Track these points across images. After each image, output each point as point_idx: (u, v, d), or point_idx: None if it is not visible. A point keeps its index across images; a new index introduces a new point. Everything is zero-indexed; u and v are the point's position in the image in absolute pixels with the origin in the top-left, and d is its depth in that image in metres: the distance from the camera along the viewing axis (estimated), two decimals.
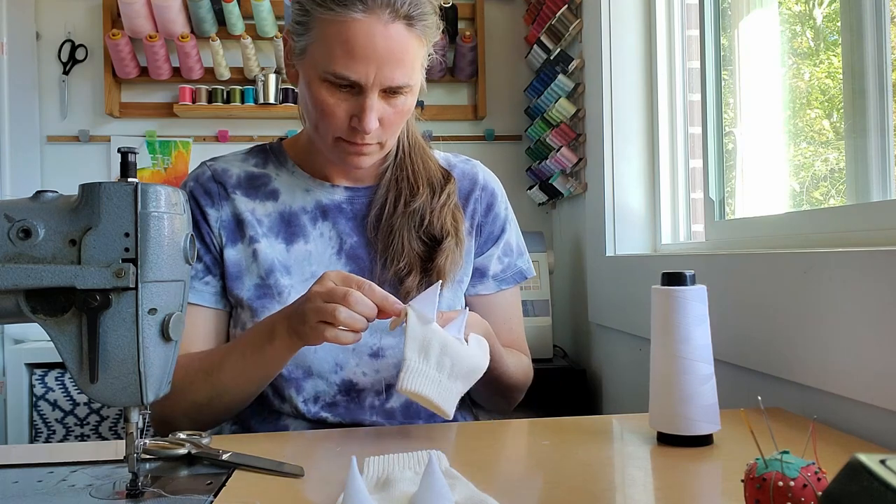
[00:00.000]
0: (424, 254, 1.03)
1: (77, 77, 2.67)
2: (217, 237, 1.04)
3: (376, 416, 1.02)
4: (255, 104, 2.62)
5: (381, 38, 0.89)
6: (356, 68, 0.90)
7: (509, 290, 1.15)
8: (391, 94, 0.94)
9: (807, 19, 1.47)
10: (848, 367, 0.83)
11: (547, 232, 2.64)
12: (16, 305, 0.62)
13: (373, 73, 0.90)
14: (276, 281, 1.01)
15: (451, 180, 1.09)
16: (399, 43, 0.90)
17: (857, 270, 0.82)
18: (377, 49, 0.89)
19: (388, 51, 0.89)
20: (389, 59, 0.90)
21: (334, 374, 1.00)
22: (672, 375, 0.79)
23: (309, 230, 1.05)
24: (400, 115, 0.96)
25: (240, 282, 1.03)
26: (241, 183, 1.06)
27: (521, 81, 2.72)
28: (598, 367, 2.05)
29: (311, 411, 1.00)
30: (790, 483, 0.50)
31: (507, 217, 1.15)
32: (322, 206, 1.06)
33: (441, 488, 0.58)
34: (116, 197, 0.62)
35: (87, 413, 2.30)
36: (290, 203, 1.06)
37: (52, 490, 0.69)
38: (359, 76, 0.90)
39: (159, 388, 0.66)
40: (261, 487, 0.69)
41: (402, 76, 0.92)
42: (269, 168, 1.08)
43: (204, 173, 1.07)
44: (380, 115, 0.94)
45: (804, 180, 1.43)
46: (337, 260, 1.04)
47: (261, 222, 1.04)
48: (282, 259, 1.03)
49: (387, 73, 0.91)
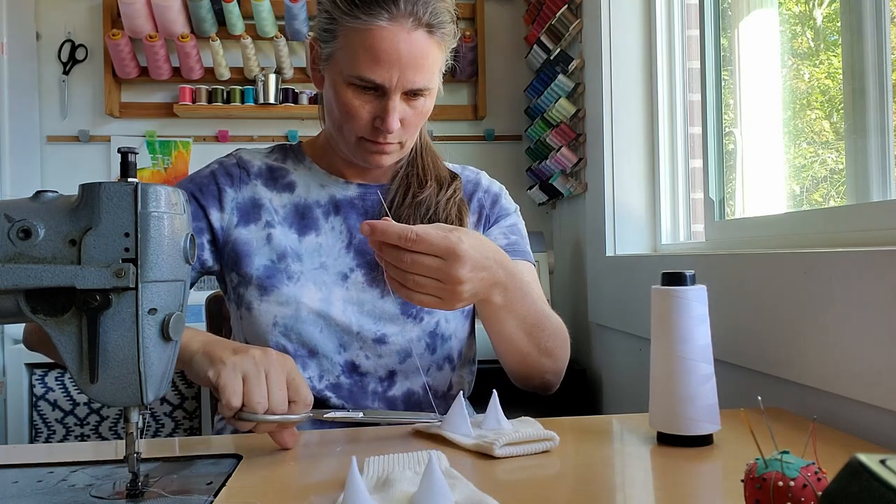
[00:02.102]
0: None
1: (77, 77, 2.67)
2: (227, 217, 1.07)
3: (378, 402, 1.05)
4: (255, 104, 2.61)
5: (405, 44, 0.94)
6: (380, 72, 0.95)
7: (518, 262, 1.10)
8: (412, 97, 0.99)
9: (807, 19, 1.47)
10: (848, 367, 0.83)
11: (547, 232, 2.64)
12: (16, 305, 0.62)
13: (396, 77, 0.95)
14: (287, 266, 1.04)
15: (458, 178, 1.14)
16: (420, 49, 0.95)
17: (857, 270, 0.82)
18: (400, 54, 0.94)
19: (411, 56, 0.95)
20: (411, 64, 0.95)
21: (337, 355, 1.03)
22: (672, 375, 0.79)
23: (321, 223, 1.08)
24: (419, 117, 1.02)
25: (249, 259, 1.05)
26: (262, 173, 1.11)
27: (521, 81, 2.72)
28: (598, 367, 2.05)
29: (316, 388, 1.02)
30: (790, 483, 0.50)
31: (513, 210, 1.19)
32: (335, 201, 1.10)
33: (441, 488, 0.58)
34: (116, 197, 0.62)
35: (87, 413, 2.30)
36: (305, 196, 1.10)
37: (52, 490, 0.69)
38: (383, 79, 0.95)
39: (159, 388, 0.66)
40: (261, 487, 0.69)
41: (423, 79, 0.97)
42: (288, 163, 1.13)
43: (230, 160, 1.13)
44: (401, 115, 0.99)
45: (804, 181, 1.43)
46: (346, 253, 1.07)
47: (276, 211, 1.08)
48: (294, 248, 1.06)
49: (409, 76, 0.96)
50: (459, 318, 1.10)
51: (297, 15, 2.55)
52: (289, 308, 1.02)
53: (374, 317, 1.05)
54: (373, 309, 1.05)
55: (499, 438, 0.77)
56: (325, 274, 1.05)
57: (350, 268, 1.06)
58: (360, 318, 1.04)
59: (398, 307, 1.05)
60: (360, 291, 1.05)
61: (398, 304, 1.05)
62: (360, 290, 1.06)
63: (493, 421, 0.83)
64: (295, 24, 2.58)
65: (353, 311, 1.04)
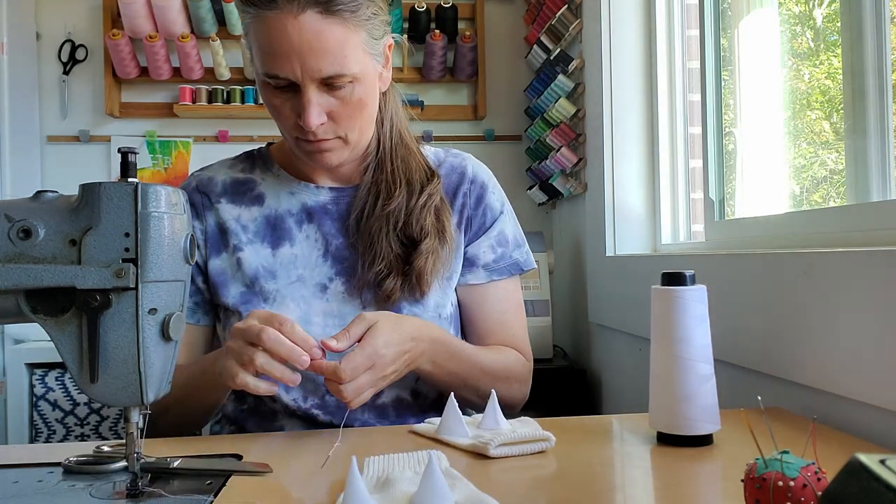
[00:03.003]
0: (403, 255, 1.02)
1: (77, 77, 2.67)
2: (203, 249, 1.05)
3: (367, 413, 1.03)
4: (255, 104, 2.61)
5: (294, 31, 0.87)
6: (279, 64, 0.89)
7: (503, 282, 1.11)
8: (331, 87, 0.92)
9: (807, 19, 1.47)
10: (848, 367, 0.83)
11: (547, 232, 2.64)
12: (16, 305, 0.62)
13: (297, 67, 0.89)
14: (261, 287, 1.02)
15: (435, 179, 1.07)
16: (314, 32, 0.88)
17: (857, 270, 0.82)
18: (293, 42, 0.87)
19: (305, 42, 0.88)
20: (308, 50, 0.88)
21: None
22: (672, 375, 0.79)
23: (295, 233, 1.05)
24: (351, 107, 0.94)
25: (225, 289, 1.03)
26: (227, 189, 1.08)
27: (521, 81, 2.72)
28: (598, 367, 2.05)
29: (302, 408, 1.01)
30: (790, 483, 0.50)
31: (501, 208, 1.12)
32: (307, 209, 1.06)
33: (441, 488, 0.58)
34: (116, 197, 0.62)
35: (87, 413, 2.30)
36: (275, 207, 1.06)
37: (52, 490, 0.69)
38: (285, 72, 0.89)
39: (159, 388, 0.66)
40: (261, 487, 0.69)
41: (331, 65, 0.89)
42: (255, 173, 1.10)
43: (189, 185, 1.09)
44: (326, 108, 0.93)
45: (804, 182, 1.43)
46: (323, 262, 1.04)
47: (246, 228, 1.05)
48: (267, 264, 1.03)
49: (311, 64, 0.88)
50: (444, 326, 1.06)
51: None
52: None
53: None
54: None
55: (494, 438, 0.77)
56: (302, 287, 1.03)
57: (329, 277, 1.03)
58: None
59: None
60: (340, 303, 1.02)
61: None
62: (340, 300, 1.03)
63: (491, 421, 0.83)
64: None
65: (334, 326, 1.00)
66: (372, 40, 0.94)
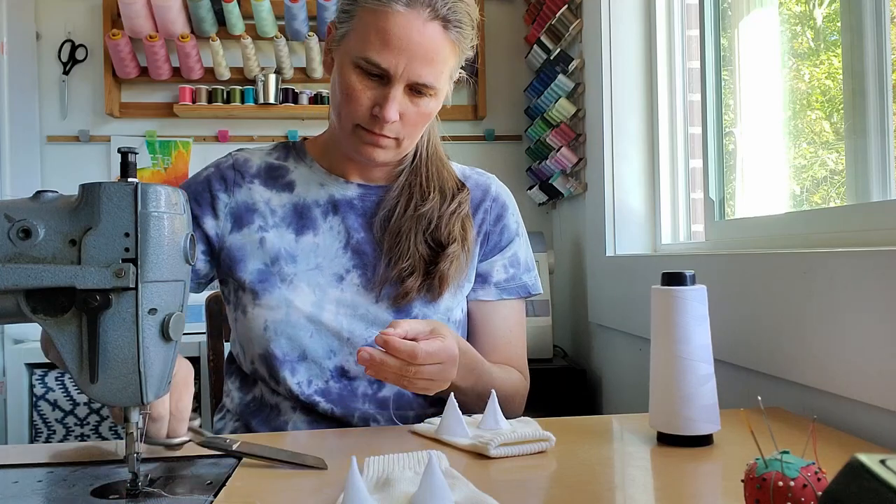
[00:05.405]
0: (429, 257, 1.06)
1: (77, 77, 2.67)
2: (221, 224, 1.07)
3: (368, 404, 1.04)
4: (255, 104, 2.61)
5: (417, 34, 0.93)
6: (388, 57, 0.94)
7: (511, 301, 1.15)
8: (416, 93, 0.98)
9: (807, 19, 1.47)
10: (848, 367, 0.83)
11: (547, 232, 2.64)
12: (16, 305, 0.62)
13: (402, 65, 0.94)
14: (280, 269, 1.05)
15: (465, 190, 1.12)
16: (432, 41, 0.94)
17: (857, 270, 0.82)
18: (411, 42, 0.93)
19: (421, 46, 0.94)
20: (420, 55, 0.94)
21: (328, 360, 1.03)
22: (672, 375, 0.79)
23: (319, 223, 1.08)
24: (421, 116, 1.00)
25: (243, 264, 1.05)
26: (261, 173, 1.11)
27: (521, 81, 2.72)
28: (598, 367, 2.05)
29: (305, 393, 1.02)
30: (790, 483, 0.50)
31: (517, 231, 1.16)
32: (334, 201, 1.09)
33: (441, 488, 0.58)
34: (116, 197, 0.62)
35: (87, 413, 2.30)
36: (304, 195, 1.09)
37: (52, 490, 0.69)
38: (389, 65, 0.94)
39: (159, 388, 0.66)
40: (261, 488, 0.69)
41: (429, 75, 0.96)
42: (290, 161, 1.13)
43: (226, 161, 1.12)
44: (402, 109, 0.97)
45: (804, 182, 1.43)
46: (343, 253, 1.07)
47: (274, 212, 1.08)
48: (289, 248, 1.06)
49: (416, 67, 0.95)
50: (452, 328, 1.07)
51: (296, 15, 2.55)
52: (279, 312, 1.02)
53: (367, 321, 1.04)
54: (366, 313, 1.04)
55: (494, 439, 0.77)
56: (319, 275, 1.05)
57: (346, 269, 1.06)
58: (352, 323, 1.03)
59: (392, 314, 1.04)
60: (354, 294, 1.05)
61: (392, 312, 1.04)
62: (355, 292, 1.05)
63: (491, 421, 0.83)
64: (295, 24, 2.58)
65: (346, 315, 1.03)
66: (458, 67, 1.03)
